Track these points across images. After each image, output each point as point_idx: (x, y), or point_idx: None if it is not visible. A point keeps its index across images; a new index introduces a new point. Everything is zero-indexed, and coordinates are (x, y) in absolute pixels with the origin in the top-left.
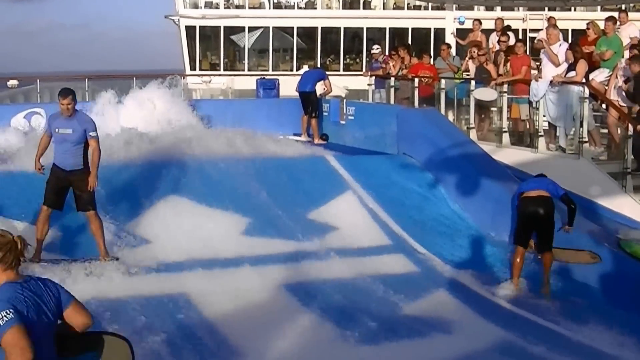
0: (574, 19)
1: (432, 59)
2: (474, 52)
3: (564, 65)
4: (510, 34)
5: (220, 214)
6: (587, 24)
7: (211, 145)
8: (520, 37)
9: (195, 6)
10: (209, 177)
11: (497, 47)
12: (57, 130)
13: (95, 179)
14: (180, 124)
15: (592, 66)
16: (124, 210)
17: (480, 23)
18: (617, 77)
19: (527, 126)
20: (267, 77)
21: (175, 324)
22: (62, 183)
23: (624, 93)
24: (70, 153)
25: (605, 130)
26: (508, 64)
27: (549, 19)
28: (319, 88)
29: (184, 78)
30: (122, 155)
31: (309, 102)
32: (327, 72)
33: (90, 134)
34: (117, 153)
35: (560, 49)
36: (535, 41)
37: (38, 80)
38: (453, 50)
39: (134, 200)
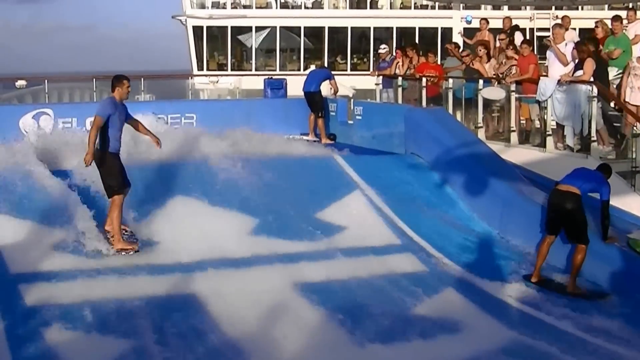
0: (581, 18)
1: (439, 58)
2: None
3: (571, 65)
4: (518, 33)
5: (228, 214)
6: (596, 22)
7: (219, 145)
8: (527, 36)
9: (202, 6)
10: (217, 177)
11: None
12: (119, 115)
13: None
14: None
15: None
16: (133, 211)
17: (488, 22)
18: (630, 76)
19: (537, 125)
20: (274, 77)
21: (184, 324)
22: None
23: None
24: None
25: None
26: (508, 63)
27: (563, 18)
28: (326, 88)
29: (191, 78)
30: (131, 156)
31: (314, 102)
32: (335, 72)
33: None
34: (125, 154)
35: (567, 48)
36: (544, 41)
37: (46, 81)
38: (460, 50)
39: (142, 200)
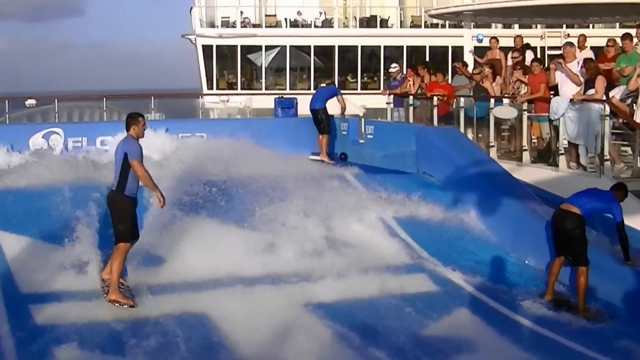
0: (592, 36)
1: (450, 77)
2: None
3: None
4: (529, 51)
5: (239, 232)
6: (608, 41)
7: (230, 163)
8: (538, 54)
9: (212, 25)
10: (228, 195)
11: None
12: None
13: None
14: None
15: (610, 83)
16: (142, 228)
17: (498, 41)
18: None
19: (548, 144)
20: (285, 96)
21: (195, 342)
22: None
23: None
24: None
25: (626, 148)
26: (518, 81)
27: (579, 37)
28: (334, 106)
29: (201, 97)
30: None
31: (318, 119)
32: (345, 91)
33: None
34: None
35: (579, 67)
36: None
37: (56, 100)
38: (470, 68)
39: (152, 218)
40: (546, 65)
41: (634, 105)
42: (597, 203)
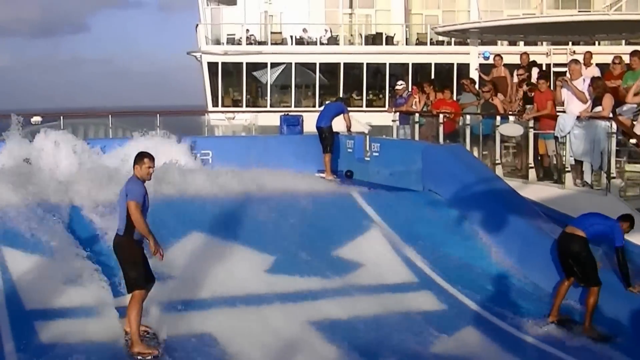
0: (598, 53)
1: (455, 94)
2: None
3: (589, 101)
4: (535, 68)
5: (244, 252)
6: (614, 58)
7: (235, 182)
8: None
9: (218, 42)
10: (233, 214)
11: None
12: (146, 199)
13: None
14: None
15: (617, 101)
16: (147, 247)
17: (502, 58)
18: None
19: (555, 161)
20: (290, 114)
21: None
22: None
23: None
24: None
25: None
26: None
27: (585, 54)
28: (340, 124)
29: (206, 114)
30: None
31: (322, 137)
32: (350, 108)
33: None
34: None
35: (585, 84)
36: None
37: (62, 117)
38: (477, 86)
39: (158, 236)
40: (552, 82)
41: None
42: (601, 226)
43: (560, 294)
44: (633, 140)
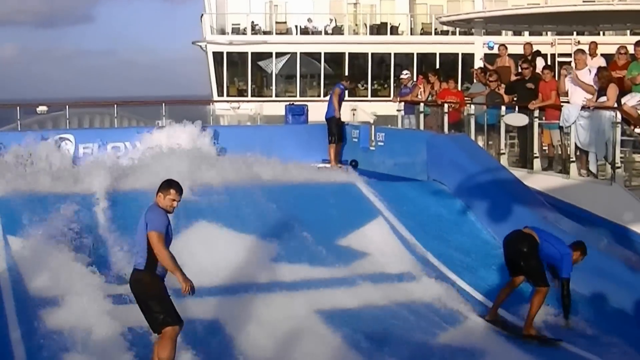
0: (603, 43)
1: (459, 84)
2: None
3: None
4: (539, 58)
5: (250, 241)
6: (619, 48)
7: (241, 172)
8: (548, 61)
9: (223, 32)
10: (239, 203)
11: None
12: (169, 230)
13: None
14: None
15: (622, 91)
16: None
17: (506, 48)
18: None
19: (559, 151)
20: (295, 103)
21: (205, 350)
22: None
23: None
24: None
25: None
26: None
27: (590, 44)
28: (347, 113)
29: (212, 104)
30: (151, 181)
31: (328, 127)
32: (355, 98)
33: None
34: (145, 178)
35: (591, 75)
36: (565, 69)
37: (67, 107)
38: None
39: None
40: (556, 72)
41: None
42: (553, 249)
43: (504, 292)
44: (638, 130)
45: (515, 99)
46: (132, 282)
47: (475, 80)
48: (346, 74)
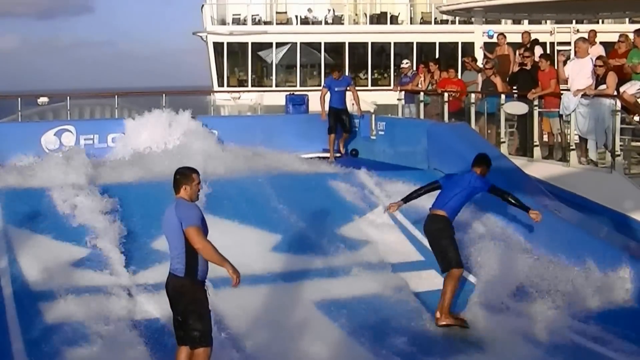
0: (602, 32)
1: (459, 73)
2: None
3: (591, 79)
4: (537, 47)
5: (250, 231)
6: (619, 36)
7: (241, 162)
8: (548, 50)
9: (223, 23)
10: (239, 194)
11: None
12: (204, 222)
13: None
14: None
15: (622, 79)
16: (154, 227)
17: (505, 37)
18: None
19: (559, 140)
20: (296, 93)
21: None
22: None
23: None
24: None
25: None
26: None
27: (589, 32)
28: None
29: (212, 94)
30: (154, 173)
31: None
32: (356, 88)
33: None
34: (149, 170)
35: (591, 63)
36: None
37: (68, 98)
38: (479, 64)
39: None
40: (556, 61)
41: None
42: (459, 195)
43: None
44: (637, 118)
45: (515, 88)
46: (171, 290)
47: (467, 69)
48: (346, 63)
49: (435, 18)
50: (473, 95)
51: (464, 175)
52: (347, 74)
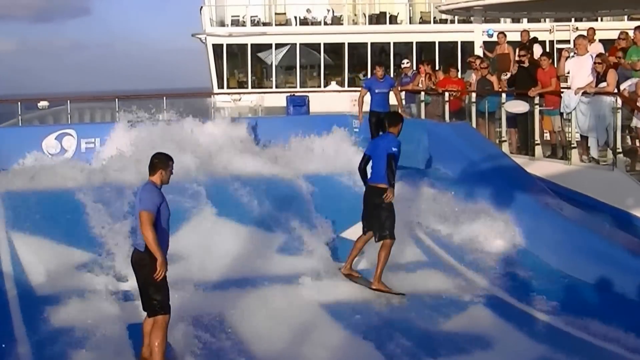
0: (601, 29)
1: (459, 73)
2: (475, 63)
3: (591, 76)
4: (537, 45)
5: (253, 232)
6: (620, 34)
7: (244, 163)
8: (547, 48)
9: (222, 24)
10: (242, 195)
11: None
12: (162, 207)
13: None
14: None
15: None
16: None
17: (505, 36)
18: None
19: (559, 138)
20: (296, 94)
21: (209, 342)
22: None
23: None
24: None
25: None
26: None
27: (588, 30)
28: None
29: (212, 96)
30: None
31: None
32: (355, 88)
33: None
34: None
35: (591, 60)
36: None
37: (69, 101)
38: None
39: None
40: (555, 59)
41: None
42: (382, 159)
43: (356, 248)
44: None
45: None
46: (133, 262)
47: (473, 69)
48: (346, 64)
49: (435, 17)
50: (474, 94)
51: (384, 138)
52: (347, 74)
